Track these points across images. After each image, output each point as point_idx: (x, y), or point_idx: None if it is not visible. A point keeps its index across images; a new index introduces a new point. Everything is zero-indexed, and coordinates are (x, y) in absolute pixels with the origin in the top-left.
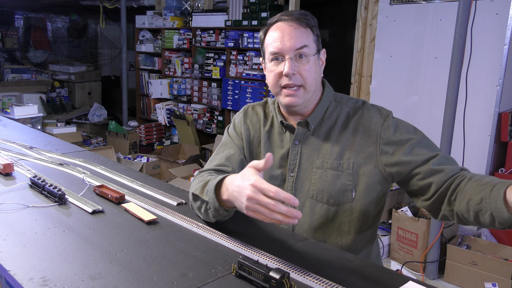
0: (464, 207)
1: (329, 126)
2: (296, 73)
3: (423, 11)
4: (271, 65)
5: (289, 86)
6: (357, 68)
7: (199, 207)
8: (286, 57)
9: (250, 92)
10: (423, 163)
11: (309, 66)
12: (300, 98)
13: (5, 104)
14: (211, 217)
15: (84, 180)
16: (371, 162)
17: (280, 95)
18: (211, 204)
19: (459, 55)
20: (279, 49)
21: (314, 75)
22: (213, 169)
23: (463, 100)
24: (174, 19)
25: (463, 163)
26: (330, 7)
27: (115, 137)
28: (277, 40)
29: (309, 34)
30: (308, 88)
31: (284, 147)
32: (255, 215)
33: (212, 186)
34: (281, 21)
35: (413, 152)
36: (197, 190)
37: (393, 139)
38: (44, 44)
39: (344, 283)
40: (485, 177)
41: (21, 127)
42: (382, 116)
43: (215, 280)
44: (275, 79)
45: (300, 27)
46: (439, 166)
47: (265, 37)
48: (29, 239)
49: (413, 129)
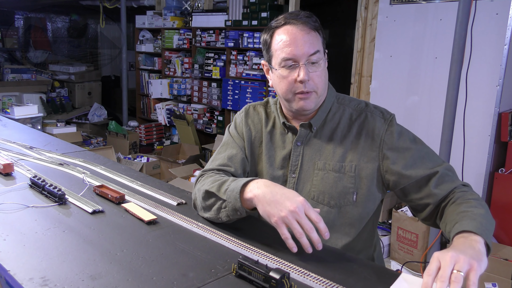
0: (443, 228)
1: (332, 128)
2: (310, 79)
3: (423, 11)
4: (283, 70)
5: (303, 93)
6: (357, 68)
7: (211, 205)
8: (300, 64)
9: (250, 92)
10: (423, 180)
11: (321, 71)
12: (313, 102)
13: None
14: (223, 217)
15: (84, 180)
16: (373, 166)
17: (293, 101)
18: (231, 204)
19: (459, 55)
20: (293, 55)
21: (324, 79)
22: (216, 169)
23: (463, 100)
24: (174, 19)
25: (463, 163)
26: (330, 7)
27: (115, 137)
28: (289, 45)
29: (319, 38)
30: (319, 93)
31: (286, 148)
32: (282, 227)
33: (238, 186)
34: (289, 25)
35: (414, 166)
36: (213, 188)
37: (396, 146)
38: (44, 44)
39: (344, 283)
40: (463, 204)
41: (21, 127)
42: (386, 120)
43: (215, 280)
44: (289, 86)
45: (311, 31)
46: (438, 189)
47: (272, 40)
48: (29, 239)
49: (415, 138)
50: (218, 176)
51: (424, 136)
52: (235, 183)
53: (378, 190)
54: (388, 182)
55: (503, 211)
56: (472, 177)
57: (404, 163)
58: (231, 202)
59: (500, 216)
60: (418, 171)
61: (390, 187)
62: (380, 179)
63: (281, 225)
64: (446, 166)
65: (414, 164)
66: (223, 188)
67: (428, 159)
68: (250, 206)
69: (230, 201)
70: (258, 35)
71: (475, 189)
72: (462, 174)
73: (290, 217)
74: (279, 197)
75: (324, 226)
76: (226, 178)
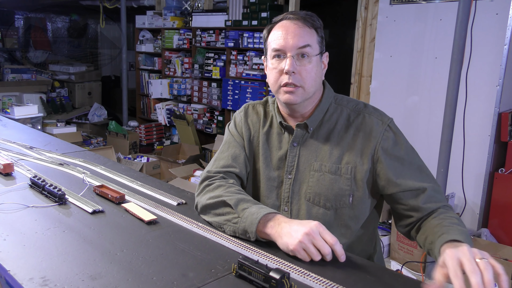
0: (422, 241)
1: (329, 129)
2: (297, 72)
3: (423, 11)
4: (272, 62)
5: (288, 85)
6: (357, 68)
7: (221, 214)
8: (287, 55)
9: (250, 92)
10: (412, 193)
11: (310, 67)
12: (299, 97)
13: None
14: (227, 230)
15: (84, 180)
16: (368, 168)
17: (279, 93)
18: (244, 224)
19: (459, 55)
20: (282, 46)
21: (314, 76)
22: (223, 171)
23: (463, 100)
24: (174, 19)
25: (463, 163)
26: (330, 7)
27: (115, 137)
28: (280, 37)
29: (313, 34)
30: (307, 89)
31: (283, 148)
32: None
33: (260, 213)
34: (286, 20)
35: (404, 176)
36: (231, 200)
37: (391, 152)
38: (44, 44)
39: (344, 283)
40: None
41: (21, 127)
42: (384, 123)
43: (215, 280)
44: (276, 77)
45: (305, 27)
46: (425, 205)
47: (269, 34)
48: (29, 239)
49: (409, 148)
50: (234, 188)
51: (424, 136)
52: (257, 208)
53: (373, 193)
54: (378, 187)
55: (503, 211)
56: (472, 177)
57: (395, 171)
58: (246, 223)
59: (500, 216)
60: (408, 182)
61: (380, 190)
62: (371, 181)
63: (300, 250)
64: (434, 186)
65: (405, 174)
66: (242, 206)
67: (420, 172)
68: (264, 237)
69: (244, 221)
70: (258, 35)
71: (475, 189)
72: (462, 174)
73: (306, 241)
74: (295, 226)
75: (340, 248)
76: (246, 195)
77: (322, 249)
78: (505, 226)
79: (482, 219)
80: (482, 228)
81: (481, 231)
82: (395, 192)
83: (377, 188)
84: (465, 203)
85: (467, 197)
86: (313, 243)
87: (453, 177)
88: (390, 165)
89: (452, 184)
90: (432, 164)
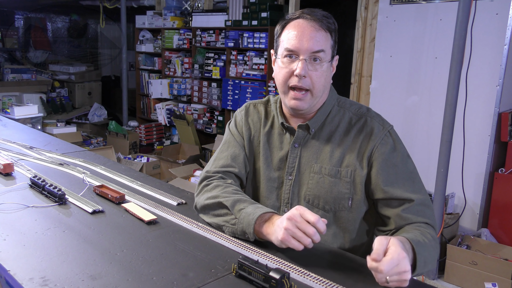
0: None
1: (331, 131)
2: (307, 76)
3: (423, 11)
4: (283, 61)
5: (297, 88)
6: (357, 68)
7: (219, 215)
8: (300, 57)
9: (250, 92)
10: (397, 202)
11: (321, 72)
12: (306, 103)
13: (5, 104)
14: (226, 231)
15: (84, 180)
16: (366, 171)
17: (287, 95)
18: (242, 225)
19: (459, 55)
20: (296, 47)
21: (323, 81)
22: (222, 171)
23: (463, 100)
24: (174, 19)
25: (463, 163)
26: (330, 7)
27: (115, 137)
28: (295, 37)
29: (328, 39)
30: (315, 94)
31: (284, 149)
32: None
33: (256, 213)
34: (302, 19)
35: (394, 184)
36: (228, 201)
37: (386, 158)
38: (44, 44)
39: (344, 283)
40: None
41: (21, 127)
42: (385, 129)
43: (215, 280)
44: (285, 77)
45: (321, 30)
46: (407, 215)
47: (282, 31)
48: (29, 239)
49: (406, 157)
50: (231, 188)
51: (424, 136)
52: (253, 208)
53: (366, 196)
54: (368, 189)
55: (503, 211)
56: (472, 177)
57: (385, 178)
58: (243, 224)
59: (500, 216)
60: (396, 190)
61: (368, 194)
62: (366, 184)
63: (289, 238)
64: (424, 200)
65: (395, 182)
66: (239, 207)
67: (411, 183)
68: (262, 237)
69: (241, 222)
70: (258, 35)
71: (475, 189)
72: (462, 174)
73: (290, 226)
74: (281, 218)
75: (322, 225)
76: (242, 195)
77: (305, 230)
78: (505, 226)
79: (482, 219)
80: (482, 228)
81: (481, 231)
82: (380, 198)
83: (367, 191)
84: (465, 203)
85: (467, 197)
86: (297, 227)
87: (453, 177)
88: (383, 171)
89: (452, 184)
90: (432, 164)
